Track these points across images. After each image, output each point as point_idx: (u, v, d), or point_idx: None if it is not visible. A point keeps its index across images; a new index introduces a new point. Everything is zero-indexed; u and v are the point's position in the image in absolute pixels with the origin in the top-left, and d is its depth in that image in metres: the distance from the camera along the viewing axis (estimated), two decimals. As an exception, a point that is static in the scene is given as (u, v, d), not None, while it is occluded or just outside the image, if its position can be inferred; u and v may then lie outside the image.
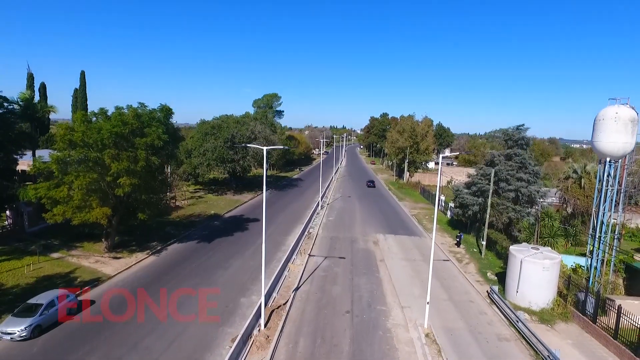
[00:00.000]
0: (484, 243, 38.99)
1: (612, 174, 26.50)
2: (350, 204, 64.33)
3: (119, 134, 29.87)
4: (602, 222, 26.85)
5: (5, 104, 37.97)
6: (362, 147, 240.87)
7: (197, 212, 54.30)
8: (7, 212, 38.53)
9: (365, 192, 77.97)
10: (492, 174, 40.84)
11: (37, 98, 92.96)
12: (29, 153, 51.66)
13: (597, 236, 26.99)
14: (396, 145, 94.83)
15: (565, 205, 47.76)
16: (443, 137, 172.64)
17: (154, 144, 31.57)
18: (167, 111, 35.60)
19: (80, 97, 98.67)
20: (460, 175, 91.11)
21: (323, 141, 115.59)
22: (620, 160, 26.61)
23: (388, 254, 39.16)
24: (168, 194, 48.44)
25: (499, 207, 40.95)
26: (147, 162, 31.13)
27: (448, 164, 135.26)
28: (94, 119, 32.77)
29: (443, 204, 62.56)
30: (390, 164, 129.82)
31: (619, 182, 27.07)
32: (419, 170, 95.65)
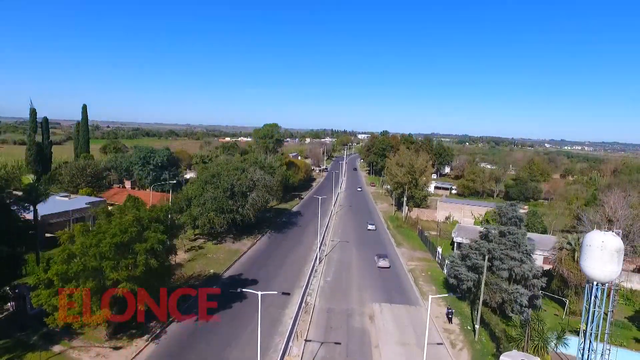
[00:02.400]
0: (477, 327, 39.65)
1: (599, 296, 27.13)
2: (348, 255, 64.97)
3: (119, 244, 30.61)
4: (590, 342, 27.48)
5: (8, 191, 38.75)
6: (362, 160, 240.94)
7: (196, 271, 55.02)
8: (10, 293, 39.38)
9: (362, 235, 78.32)
10: (486, 252, 41.58)
11: (39, 132, 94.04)
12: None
13: (586, 356, 27.62)
14: (395, 179, 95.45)
15: (559, 271, 48.31)
16: (443, 156, 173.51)
17: (153, 247, 32.31)
18: (167, 210, 36.29)
19: (82, 130, 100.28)
20: (460, 211, 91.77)
21: (324, 156, 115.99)
22: (607, 283, 27.25)
23: (384, 335, 39.79)
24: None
25: (493, 287, 41.60)
26: (146, 266, 31.87)
27: (446, 189, 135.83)
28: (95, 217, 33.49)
29: (440, 257, 63.18)
30: (389, 189, 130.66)
31: (606, 302, 27.69)
32: (419, 206, 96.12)
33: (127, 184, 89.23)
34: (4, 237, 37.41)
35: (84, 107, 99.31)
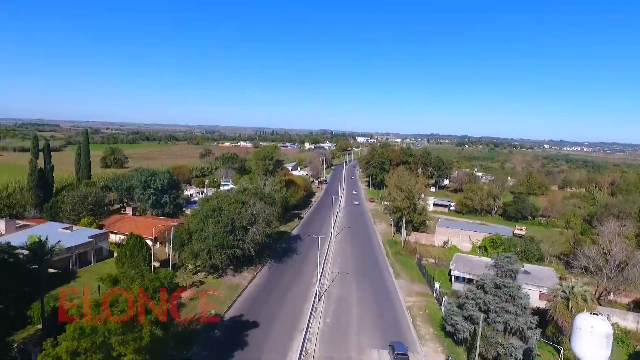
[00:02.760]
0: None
1: (589, 376, 28.13)
2: (347, 290, 65.90)
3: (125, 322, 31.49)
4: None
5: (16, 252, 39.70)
6: (361, 170, 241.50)
7: (198, 312, 55.85)
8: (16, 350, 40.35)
9: (361, 266, 78.95)
10: (482, 304, 42.63)
11: (41, 157, 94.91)
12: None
13: None
14: (394, 204, 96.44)
15: (554, 318, 49.35)
16: (441, 169, 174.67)
17: (158, 320, 33.19)
18: (171, 276, 37.18)
19: (83, 155, 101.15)
20: (458, 236, 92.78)
21: (323, 165, 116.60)
22: (596, 364, 28.24)
23: (381, 389, 40.82)
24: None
25: (489, 339, 42.64)
26: (152, 337, 32.77)
27: (445, 206, 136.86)
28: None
29: (438, 292, 64.16)
30: (387, 206, 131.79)
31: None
32: (418, 230, 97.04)
33: (129, 210, 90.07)
34: (13, 297, 38.41)
35: (85, 132, 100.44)
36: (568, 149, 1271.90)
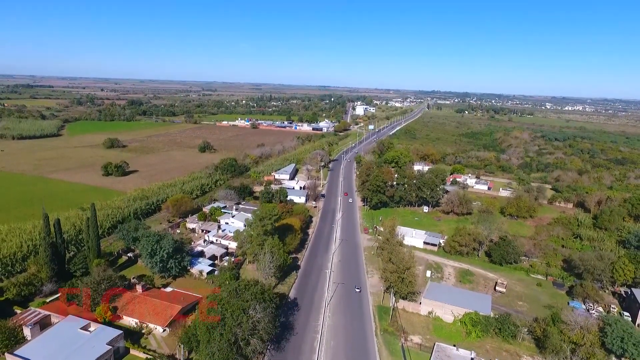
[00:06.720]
0: None
1: None
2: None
3: None
4: None
5: None
6: (357, 174, 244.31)
7: None
8: None
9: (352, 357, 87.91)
10: None
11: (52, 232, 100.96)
12: None
13: None
14: (384, 275, 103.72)
15: None
16: (434, 190, 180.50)
17: None
18: None
19: (92, 225, 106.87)
20: (441, 309, 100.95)
21: (320, 173, 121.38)
22: None
23: None
24: None
25: None
26: None
27: (434, 245, 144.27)
28: None
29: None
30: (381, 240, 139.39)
31: None
32: (405, 298, 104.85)
33: (139, 288, 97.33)
34: None
35: (92, 206, 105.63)
36: (570, 107, 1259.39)
